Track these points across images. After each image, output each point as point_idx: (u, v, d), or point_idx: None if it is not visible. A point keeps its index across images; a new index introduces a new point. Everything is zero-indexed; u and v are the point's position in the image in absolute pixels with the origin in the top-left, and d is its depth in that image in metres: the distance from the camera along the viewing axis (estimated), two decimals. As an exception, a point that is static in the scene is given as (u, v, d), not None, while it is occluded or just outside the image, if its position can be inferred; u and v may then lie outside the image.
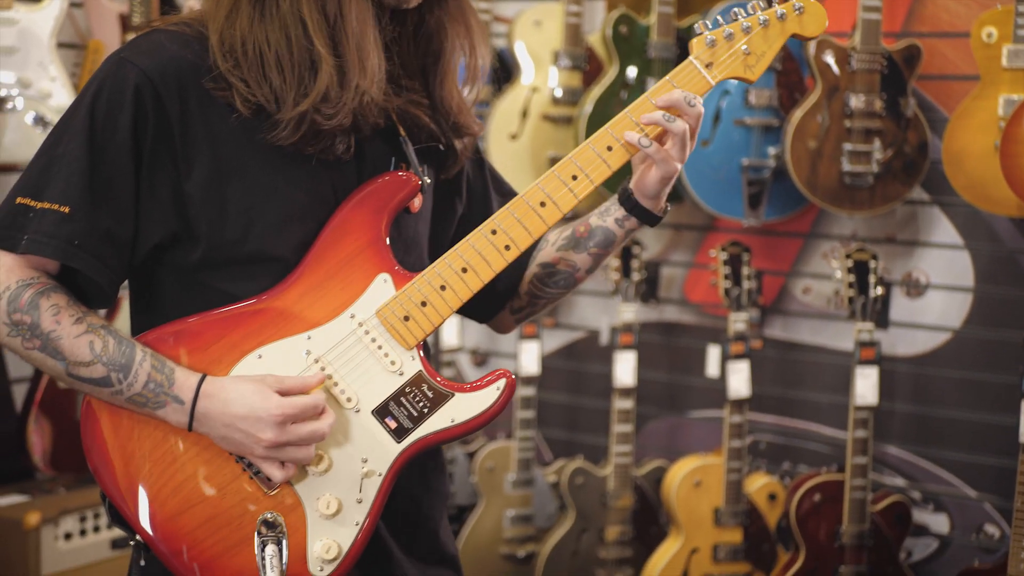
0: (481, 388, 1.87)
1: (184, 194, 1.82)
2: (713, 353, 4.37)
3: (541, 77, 4.32)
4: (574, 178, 1.89)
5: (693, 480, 4.13)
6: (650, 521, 4.37)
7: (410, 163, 1.92)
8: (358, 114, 1.83)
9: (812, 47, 3.84)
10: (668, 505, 4.18)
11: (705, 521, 4.13)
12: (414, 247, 1.96)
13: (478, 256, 1.88)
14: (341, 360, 1.84)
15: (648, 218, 1.98)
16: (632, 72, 4.20)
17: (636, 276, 4.31)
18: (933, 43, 3.98)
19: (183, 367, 1.80)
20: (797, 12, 1.92)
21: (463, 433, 1.87)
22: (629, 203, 1.97)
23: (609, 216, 2.00)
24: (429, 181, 1.94)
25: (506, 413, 4.54)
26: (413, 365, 1.86)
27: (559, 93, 4.29)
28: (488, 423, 1.88)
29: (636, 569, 4.30)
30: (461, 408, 1.86)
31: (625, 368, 4.27)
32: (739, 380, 4.07)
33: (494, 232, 1.89)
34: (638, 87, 4.18)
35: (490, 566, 4.43)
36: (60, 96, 3.87)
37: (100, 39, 4.04)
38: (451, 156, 1.99)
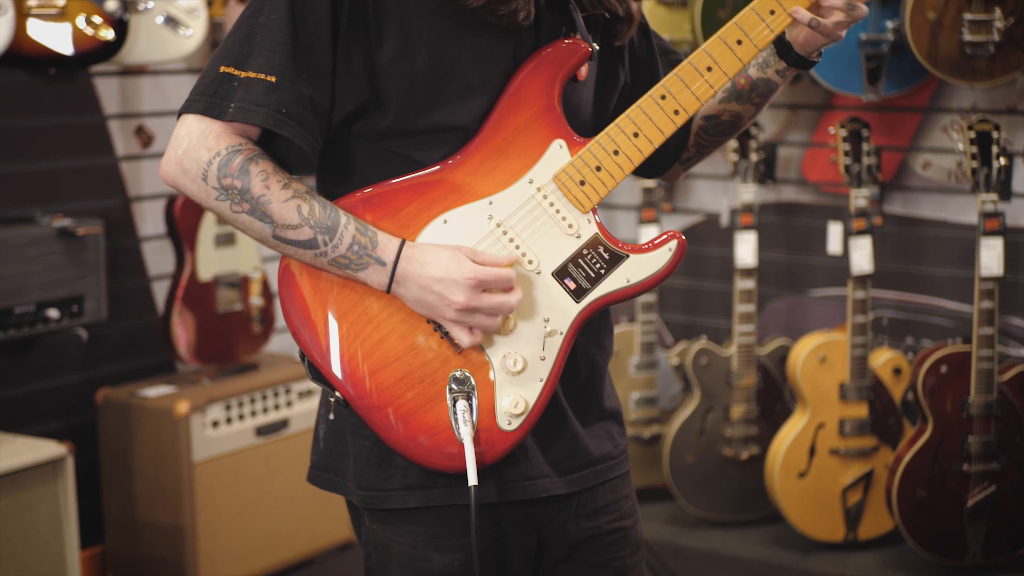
0: (654, 249, 1.92)
1: (375, 64, 1.87)
2: (834, 230, 4.39)
3: (654, -39, 4.33)
4: (739, 43, 1.93)
5: (818, 356, 4.18)
6: (775, 399, 4.44)
7: (579, 31, 1.96)
8: None
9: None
10: (793, 381, 4.23)
11: (831, 396, 4.18)
12: (578, 114, 2.00)
13: (649, 121, 1.92)
14: (521, 224, 1.90)
15: (807, 65, 2.03)
16: (746, -48, 4.18)
17: (754, 157, 4.34)
18: (1054, -92, 3.92)
19: (385, 232, 1.87)
20: None
21: (637, 292, 1.92)
22: (791, 57, 2.01)
23: (769, 68, 2.05)
24: (597, 48, 1.98)
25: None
26: (590, 228, 1.91)
27: (672, -24, 4.30)
28: (660, 283, 1.93)
29: (762, 446, 4.37)
30: (636, 269, 1.91)
31: (746, 249, 4.31)
32: (861, 256, 4.10)
33: (663, 97, 1.92)
34: (753, -34, 4.16)
35: (617, 447, 4.52)
36: (189, -4, 3.96)
37: (223, -61, 4.11)
38: (626, 21, 2.03)
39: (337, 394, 1.88)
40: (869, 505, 4.21)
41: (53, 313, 3.84)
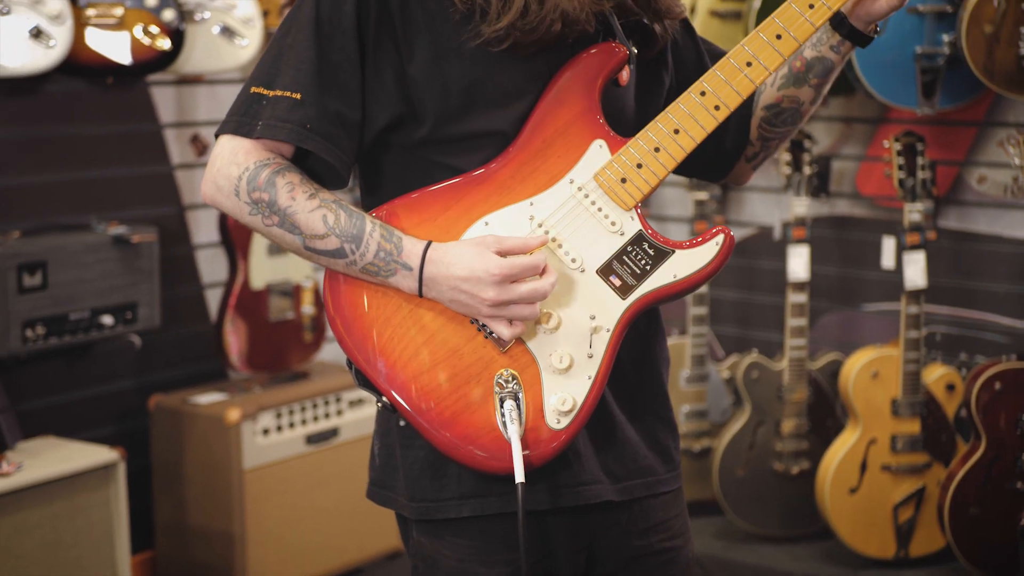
0: (701, 244, 1.91)
1: (407, 76, 1.89)
2: (888, 245, 4.36)
3: (708, -26, 4.33)
4: (778, 37, 1.93)
5: (870, 371, 4.15)
6: (826, 413, 4.41)
7: (616, 35, 1.97)
8: (565, 23, 1.88)
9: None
10: (845, 396, 4.20)
11: (883, 412, 4.15)
12: (621, 119, 2.00)
13: (689, 118, 1.92)
14: (564, 223, 1.90)
15: (862, 40, 2.01)
16: (801, -36, 4.17)
17: (807, 170, 4.32)
18: (1112, -79, 3.88)
19: (410, 236, 1.88)
20: None
21: (685, 288, 1.91)
22: (844, 28, 2.01)
23: (823, 45, 2.03)
24: (636, 51, 1.99)
25: (679, 309, 4.60)
26: (633, 225, 1.91)
27: (726, -11, 4.30)
28: (708, 279, 1.92)
29: (813, 461, 4.34)
30: (682, 264, 1.90)
31: (798, 262, 4.29)
32: (915, 271, 4.06)
33: (703, 94, 1.93)
34: (808, -21, 4.15)
35: (666, 460, 4.50)
36: (244, 7, 3.99)
37: (279, -50, 4.15)
38: (652, 36, 2.03)
39: (384, 399, 1.89)
40: (921, 522, 4.18)
41: (107, 320, 3.88)
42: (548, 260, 1.89)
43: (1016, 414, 3.88)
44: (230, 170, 1.88)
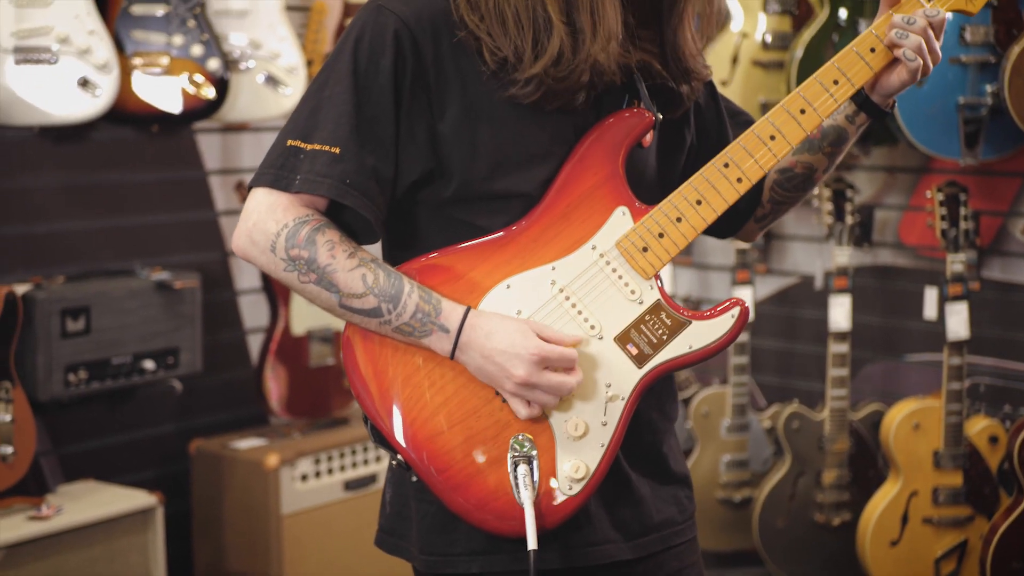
0: (717, 316, 1.93)
1: (438, 134, 1.90)
2: (930, 295, 4.33)
3: (750, 23, 4.33)
4: (802, 112, 1.95)
5: (912, 423, 4.12)
6: (868, 465, 4.37)
7: (642, 99, 1.98)
8: (594, 73, 1.90)
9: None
10: (886, 448, 4.17)
11: (924, 464, 4.11)
12: (643, 180, 2.02)
13: (712, 189, 1.94)
14: (584, 290, 1.92)
15: (878, 113, 2.03)
16: (843, 14, 4.17)
17: (849, 220, 4.30)
18: None
19: (448, 299, 1.89)
20: None
21: (700, 359, 1.93)
22: (859, 98, 2.02)
23: (839, 115, 2.06)
24: (661, 117, 2.00)
25: (720, 358, 4.58)
26: (652, 294, 1.93)
27: (768, 39, 4.30)
28: (723, 349, 1.94)
29: (854, 512, 4.30)
30: (698, 335, 1.92)
31: (840, 312, 4.27)
32: (958, 322, 4.03)
33: (727, 165, 1.95)
34: (850, 29, 4.15)
35: (707, 511, 4.48)
36: (289, 56, 4.04)
37: (323, 0, 4.19)
38: (677, 99, 2.04)
39: (399, 457, 1.90)
40: (963, 576, 4.14)
41: (149, 364, 3.92)
42: (567, 326, 1.91)
43: (1060, 468, 3.84)
44: (267, 226, 1.88)
